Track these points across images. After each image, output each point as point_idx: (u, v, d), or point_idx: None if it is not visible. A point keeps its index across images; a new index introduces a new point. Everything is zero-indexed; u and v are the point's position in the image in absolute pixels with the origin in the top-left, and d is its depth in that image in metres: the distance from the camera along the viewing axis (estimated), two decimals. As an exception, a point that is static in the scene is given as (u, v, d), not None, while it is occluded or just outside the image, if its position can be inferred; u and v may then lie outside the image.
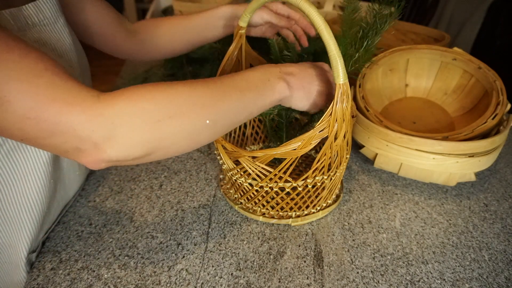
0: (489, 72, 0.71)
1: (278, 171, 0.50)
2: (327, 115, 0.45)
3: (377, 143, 0.64)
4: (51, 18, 0.48)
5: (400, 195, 0.64)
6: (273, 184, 0.52)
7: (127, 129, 0.35)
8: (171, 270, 0.50)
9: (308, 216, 0.57)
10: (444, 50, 0.77)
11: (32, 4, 0.45)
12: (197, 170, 0.69)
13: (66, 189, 0.59)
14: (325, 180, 0.53)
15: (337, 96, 0.44)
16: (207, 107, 0.40)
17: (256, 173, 0.51)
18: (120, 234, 0.56)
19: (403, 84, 0.82)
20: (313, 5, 0.42)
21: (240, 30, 0.57)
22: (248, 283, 0.49)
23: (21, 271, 0.52)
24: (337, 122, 0.46)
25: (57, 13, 0.49)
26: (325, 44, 0.42)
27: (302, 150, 0.47)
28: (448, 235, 0.57)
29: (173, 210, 0.60)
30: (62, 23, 0.51)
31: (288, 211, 0.56)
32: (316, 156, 0.66)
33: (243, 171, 0.52)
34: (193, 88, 0.40)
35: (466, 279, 0.50)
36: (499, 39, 1.57)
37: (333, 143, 0.48)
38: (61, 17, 0.51)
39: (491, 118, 0.63)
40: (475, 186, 0.67)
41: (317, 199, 0.56)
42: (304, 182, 0.52)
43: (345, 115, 0.46)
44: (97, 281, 0.49)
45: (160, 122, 0.37)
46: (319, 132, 0.46)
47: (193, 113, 0.39)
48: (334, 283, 0.49)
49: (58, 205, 0.58)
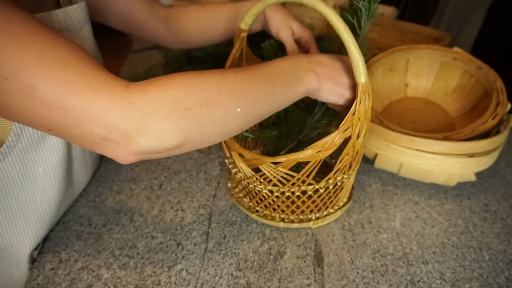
0: (489, 72, 0.71)
1: (302, 175, 0.49)
2: (350, 114, 0.45)
3: (377, 143, 0.64)
4: (78, 24, 0.49)
5: (400, 195, 0.64)
6: (296, 189, 0.51)
7: (158, 117, 0.34)
8: (171, 270, 0.50)
9: (328, 217, 0.57)
10: (444, 50, 0.77)
11: (62, 10, 0.45)
12: (197, 170, 0.69)
13: (74, 190, 0.60)
14: (345, 180, 0.53)
15: (360, 95, 0.44)
16: (237, 95, 0.39)
17: (278, 178, 0.49)
18: (120, 234, 0.56)
19: (403, 84, 0.82)
20: (330, 5, 0.41)
21: (242, 33, 0.56)
22: (248, 283, 0.49)
23: (23, 268, 0.52)
24: (360, 121, 0.46)
25: (84, 20, 0.50)
26: (345, 44, 0.42)
27: (327, 152, 0.46)
28: (448, 235, 0.57)
29: (173, 210, 0.60)
30: (87, 30, 0.51)
31: (308, 214, 0.56)
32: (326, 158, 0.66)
33: (263, 178, 0.51)
34: (222, 76, 0.39)
35: (466, 279, 0.50)
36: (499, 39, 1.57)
37: (356, 142, 0.48)
38: (88, 24, 0.51)
39: (491, 118, 0.63)
40: (475, 186, 0.67)
41: (336, 199, 0.56)
42: (326, 183, 0.51)
43: (367, 114, 0.46)
44: (97, 281, 0.49)
45: (191, 109, 0.36)
46: (343, 132, 0.46)
47: (224, 101, 0.38)
48: (334, 283, 0.49)
49: (66, 206, 0.59)
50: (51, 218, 0.53)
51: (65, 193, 0.56)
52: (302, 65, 0.45)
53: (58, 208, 0.55)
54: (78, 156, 0.56)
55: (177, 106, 0.35)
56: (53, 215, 0.54)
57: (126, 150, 0.35)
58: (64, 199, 0.56)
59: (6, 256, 0.51)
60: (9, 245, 0.50)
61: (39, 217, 0.51)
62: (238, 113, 0.39)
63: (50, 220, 0.53)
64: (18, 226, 0.50)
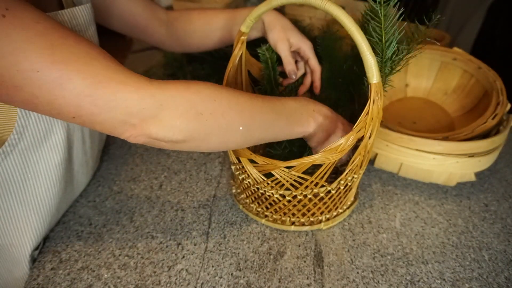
0: (489, 72, 0.71)
1: (315, 178, 0.48)
2: (364, 115, 0.45)
3: (377, 143, 0.64)
4: (84, 25, 0.50)
5: (400, 195, 0.64)
6: (308, 192, 0.50)
7: (172, 113, 0.39)
8: (171, 270, 0.50)
9: (337, 217, 0.57)
10: (444, 50, 0.77)
11: (67, 10, 0.46)
12: (197, 170, 0.69)
13: (74, 190, 0.60)
14: (355, 180, 0.53)
15: (373, 95, 0.44)
16: (244, 116, 0.43)
17: (291, 182, 0.49)
18: (120, 234, 0.56)
19: (403, 84, 0.82)
20: (340, 7, 0.41)
21: (242, 36, 0.55)
22: (248, 283, 0.49)
23: (24, 267, 0.53)
24: (373, 121, 0.46)
25: (89, 21, 0.51)
26: (357, 45, 0.42)
27: (341, 154, 0.46)
28: (448, 235, 0.57)
29: (173, 210, 0.60)
30: (92, 31, 0.52)
31: (318, 216, 0.55)
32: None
33: (275, 182, 0.50)
34: (236, 96, 0.43)
35: (466, 279, 0.50)
36: (499, 39, 1.57)
37: (368, 141, 0.48)
38: (93, 25, 0.52)
39: (491, 118, 0.63)
40: (475, 186, 0.67)
41: (345, 199, 0.56)
42: (337, 184, 0.51)
43: (379, 114, 0.46)
44: (97, 281, 0.49)
45: (202, 115, 0.40)
46: (357, 133, 0.46)
47: (231, 117, 0.42)
48: (334, 283, 0.49)
49: (66, 206, 0.59)
50: (51, 218, 0.54)
51: (66, 193, 0.56)
52: (308, 111, 0.49)
53: (58, 207, 0.55)
54: (79, 156, 0.56)
55: (191, 108, 0.39)
56: (53, 214, 0.54)
57: (139, 133, 0.39)
58: (64, 199, 0.56)
59: (7, 255, 0.51)
60: (10, 244, 0.50)
61: (39, 217, 0.51)
62: (240, 131, 0.43)
63: (50, 219, 0.53)
64: (19, 225, 0.50)
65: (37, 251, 0.53)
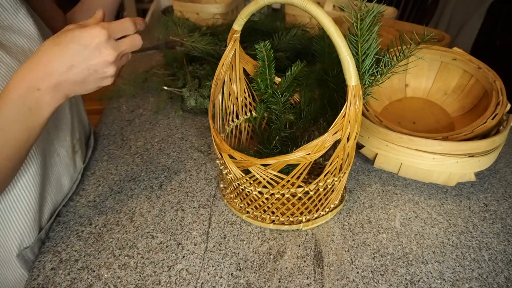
0: (489, 72, 0.71)
1: (291, 177, 0.49)
2: (340, 117, 0.45)
3: (377, 143, 0.64)
4: (11, 9, 0.50)
5: (400, 195, 0.64)
6: (285, 191, 0.51)
7: None
8: (171, 270, 0.50)
9: (318, 219, 0.57)
10: (444, 50, 0.77)
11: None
12: (197, 170, 0.69)
13: (58, 185, 0.59)
14: (335, 182, 0.53)
15: (350, 97, 0.44)
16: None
17: (268, 180, 0.50)
18: (120, 234, 0.56)
19: (403, 84, 0.82)
20: (320, 7, 0.41)
21: (235, 34, 0.55)
22: (248, 283, 0.49)
23: (15, 269, 0.52)
24: (350, 124, 0.45)
25: (16, 5, 0.51)
26: (335, 46, 0.41)
27: (316, 155, 0.46)
28: (448, 235, 0.57)
29: (173, 210, 0.60)
30: (24, 14, 0.52)
31: (298, 216, 0.56)
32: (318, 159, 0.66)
33: (253, 179, 0.51)
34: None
35: (466, 279, 0.50)
36: (499, 39, 1.57)
37: (346, 144, 0.47)
38: (22, 8, 0.52)
39: (491, 118, 0.63)
40: (475, 186, 0.67)
41: (327, 201, 0.56)
42: (316, 186, 0.51)
43: (357, 117, 0.46)
44: (97, 281, 0.49)
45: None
46: (333, 135, 0.46)
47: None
48: (334, 283, 0.49)
49: (51, 201, 0.58)
50: (34, 215, 0.53)
51: (45, 189, 0.55)
52: (32, 99, 0.40)
53: (41, 204, 0.54)
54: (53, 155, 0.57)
55: None
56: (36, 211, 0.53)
57: None
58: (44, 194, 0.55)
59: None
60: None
61: (19, 215, 0.51)
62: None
63: (34, 216, 0.53)
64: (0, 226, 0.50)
65: (28, 249, 0.53)
